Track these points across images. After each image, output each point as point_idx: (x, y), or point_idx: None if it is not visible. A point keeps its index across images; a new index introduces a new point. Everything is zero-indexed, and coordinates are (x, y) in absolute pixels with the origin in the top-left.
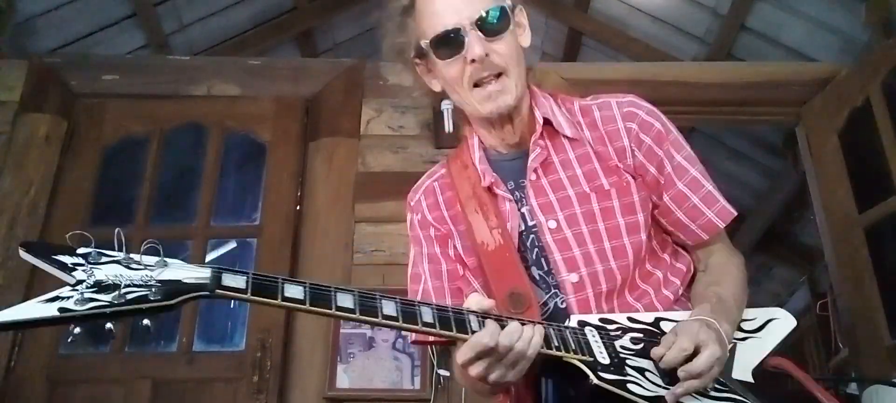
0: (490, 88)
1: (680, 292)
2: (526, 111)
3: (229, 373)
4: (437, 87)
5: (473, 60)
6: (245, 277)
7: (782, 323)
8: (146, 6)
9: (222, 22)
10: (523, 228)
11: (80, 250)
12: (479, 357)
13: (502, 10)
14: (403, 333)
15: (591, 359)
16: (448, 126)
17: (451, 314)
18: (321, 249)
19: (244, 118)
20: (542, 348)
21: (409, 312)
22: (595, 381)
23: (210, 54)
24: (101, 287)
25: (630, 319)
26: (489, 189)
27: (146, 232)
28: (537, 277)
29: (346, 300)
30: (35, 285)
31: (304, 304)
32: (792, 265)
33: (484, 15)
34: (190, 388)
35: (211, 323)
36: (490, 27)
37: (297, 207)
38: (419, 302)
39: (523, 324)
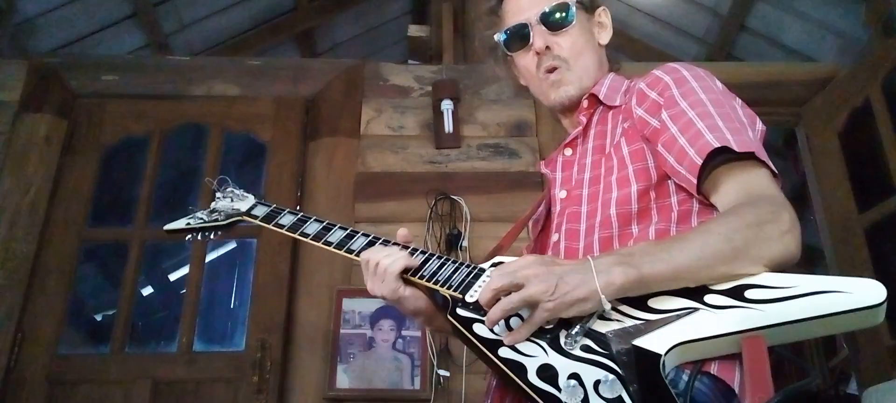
0: (552, 77)
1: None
2: None
3: (229, 373)
4: (523, 81)
5: (538, 52)
6: (267, 208)
7: (834, 299)
8: (146, 6)
9: (222, 22)
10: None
11: (220, 192)
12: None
13: (564, 5)
14: (403, 332)
15: (459, 296)
16: (448, 126)
17: (345, 234)
18: (321, 249)
19: (244, 118)
20: (415, 277)
21: (324, 234)
22: (448, 316)
23: (210, 54)
24: (210, 212)
25: None
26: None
27: (146, 231)
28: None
29: (285, 218)
30: (35, 285)
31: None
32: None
33: (546, 11)
34: (190, 388)
35: (211, 323)
36: (552, 22)
37: (297, 207)
38: (342, 227)
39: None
